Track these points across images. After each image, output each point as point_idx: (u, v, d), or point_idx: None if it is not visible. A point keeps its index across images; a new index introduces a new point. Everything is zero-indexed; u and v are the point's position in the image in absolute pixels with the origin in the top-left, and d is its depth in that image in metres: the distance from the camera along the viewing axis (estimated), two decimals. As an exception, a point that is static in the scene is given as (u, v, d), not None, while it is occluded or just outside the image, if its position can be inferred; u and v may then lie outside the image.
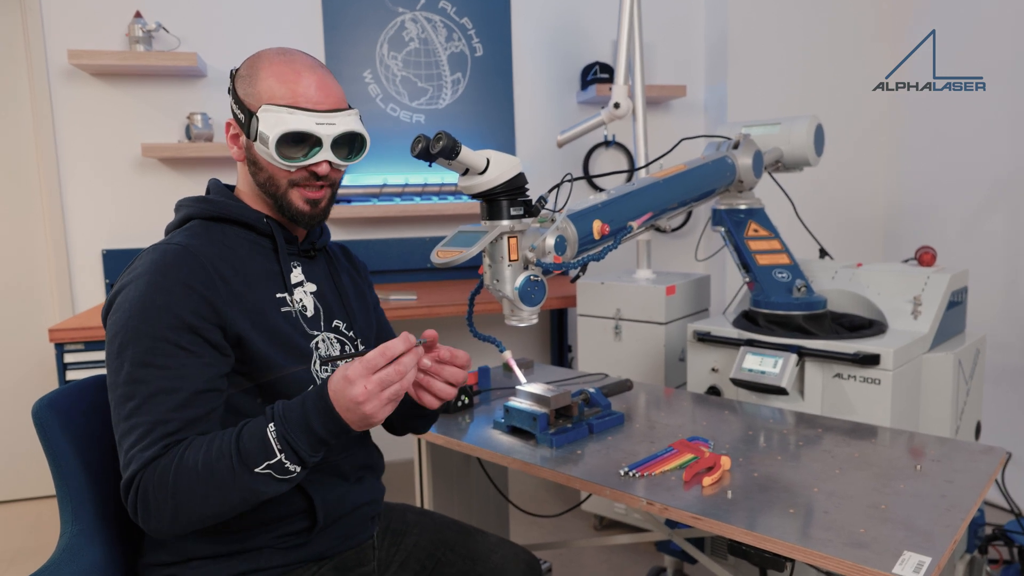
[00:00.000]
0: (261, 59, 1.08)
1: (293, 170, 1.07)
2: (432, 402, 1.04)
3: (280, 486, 0.92)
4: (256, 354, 1.02)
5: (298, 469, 0.92)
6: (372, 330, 1.28)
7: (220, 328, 0.99)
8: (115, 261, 2.88)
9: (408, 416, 1.23)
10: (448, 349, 1.03)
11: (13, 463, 2.94)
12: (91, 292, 2.91)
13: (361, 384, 0.87)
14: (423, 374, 1.02)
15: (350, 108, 1.11)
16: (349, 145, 1.11)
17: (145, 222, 2.92)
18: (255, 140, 1.06)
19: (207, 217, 1.10)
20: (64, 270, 2.86)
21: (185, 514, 0.91)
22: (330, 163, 1.08)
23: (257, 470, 0.90)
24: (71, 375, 2.34)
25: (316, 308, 1.15)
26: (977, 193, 2.80)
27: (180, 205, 1.13)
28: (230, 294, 1.01)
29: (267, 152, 1.05)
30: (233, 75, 1.12)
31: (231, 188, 1.18)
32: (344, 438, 0.94)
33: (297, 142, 1.06)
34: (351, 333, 1.19)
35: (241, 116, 1.09)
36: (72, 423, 1.07)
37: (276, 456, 0.90)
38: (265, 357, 1.02)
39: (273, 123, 1.03)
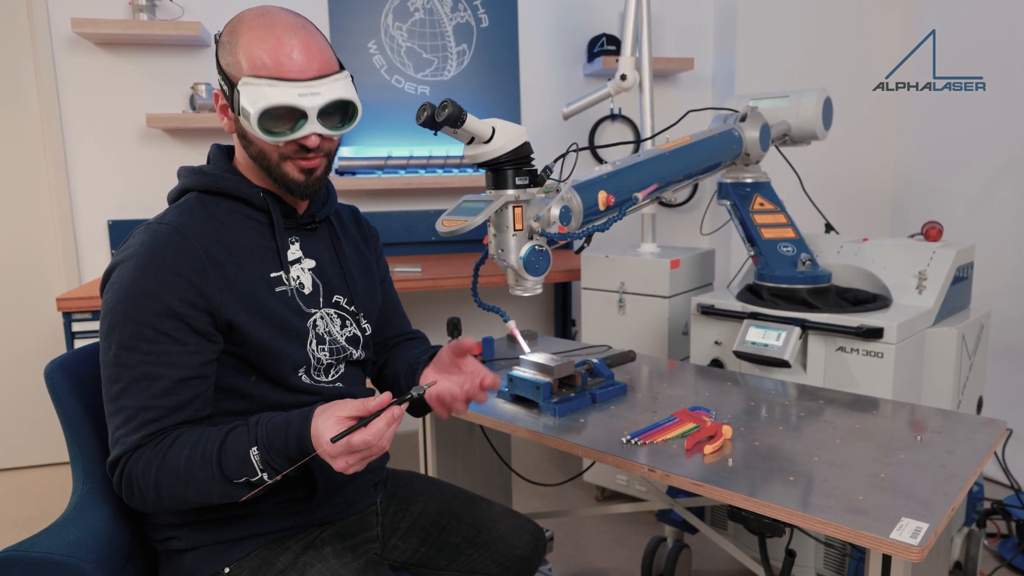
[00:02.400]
0: (240, 23, 1.01)
1: (281, 144, 1.02)
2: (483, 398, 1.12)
3: (259, 491, 0.96)
4: (248, 337, 1.02)
5: (277, 477, 0.96)
6: (376, 304, 1.26)
7: (209, 314, 0.99)
8: (121, 232, 2.88)
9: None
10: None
11: (25, 431, 2.98)
12: (97, 263, 2.92)
13: (343, 460, 0.91)
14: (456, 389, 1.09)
15: (340, 71, 1.04)
16: (340, 112, 1.04)
17: (151, 193, 2.91)
18: (239, 115, 1.01)
19: (203, 190, 1.07)
20: (71, 241, 2.87)
21: (167, 505, 0.97)
22: (320, 134, 1.03)
23: (236, 481, 0.94)
24: (79, 344, 2.36)
25: (315, 284, 1.13)
26: (986, 169, 2.78)
27: (179, 174, 1.11)
28: (221, 278, 1.00)
29: (252, 127, 0.99)
30: (217, 40, 1.05)
31: (233, 153, 1.14)
32: None
33: (281, 116, 1.00)
34: (352, 308, 1.19)
35: (225, 88, 1.03)
36: (82, 384, 1.09)
37: (257, 475, 0.94)
38: (257, 339, 1.02)
39: (254, 97, 0.97)
